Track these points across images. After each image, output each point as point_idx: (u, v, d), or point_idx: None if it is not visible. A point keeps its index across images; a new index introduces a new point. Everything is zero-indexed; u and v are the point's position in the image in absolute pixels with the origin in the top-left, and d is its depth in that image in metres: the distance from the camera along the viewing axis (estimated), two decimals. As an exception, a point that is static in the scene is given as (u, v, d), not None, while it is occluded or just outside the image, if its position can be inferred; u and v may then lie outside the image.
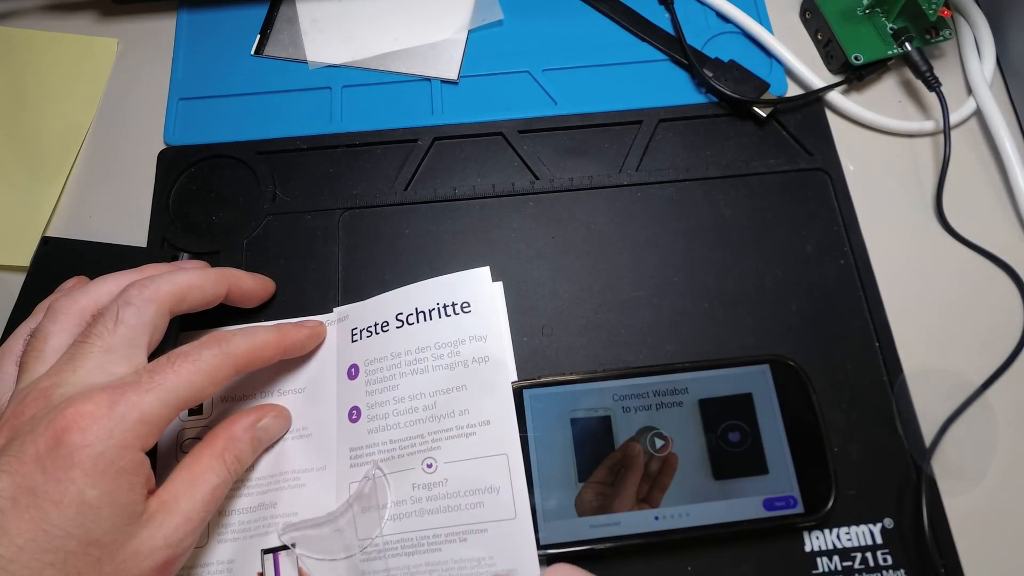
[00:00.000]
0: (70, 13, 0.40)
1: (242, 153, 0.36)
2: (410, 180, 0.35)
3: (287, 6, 0.40)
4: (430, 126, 0.36)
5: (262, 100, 0.37)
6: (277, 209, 0.35)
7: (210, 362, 0.26)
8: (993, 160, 0.36)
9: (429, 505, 0.28)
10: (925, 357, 0.32)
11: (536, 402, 0.30)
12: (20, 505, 0.22)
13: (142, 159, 0.36)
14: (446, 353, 0.30)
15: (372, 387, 0.30)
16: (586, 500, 0.28)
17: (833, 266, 0.33)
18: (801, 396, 0.30)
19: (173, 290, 0.27)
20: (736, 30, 0.39)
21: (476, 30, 0.39)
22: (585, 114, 0.37)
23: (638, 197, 0.35)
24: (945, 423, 0.30)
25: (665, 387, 0.30)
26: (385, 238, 0.34)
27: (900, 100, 0.37)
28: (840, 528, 0.29)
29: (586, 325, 0.32)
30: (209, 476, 0.26)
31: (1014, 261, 0.33)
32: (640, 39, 0.39)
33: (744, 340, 0.32)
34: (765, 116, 0.36)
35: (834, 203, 0.35)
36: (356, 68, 0.38)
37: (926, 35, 0.37)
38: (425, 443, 0.29)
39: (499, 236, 0.34)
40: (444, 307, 0.31)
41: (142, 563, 0.23)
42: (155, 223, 0.35)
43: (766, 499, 0.28)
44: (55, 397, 0.23)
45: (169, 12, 0.40)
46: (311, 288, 0.33)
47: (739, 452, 0.29)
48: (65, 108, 0.38)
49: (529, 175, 0.36)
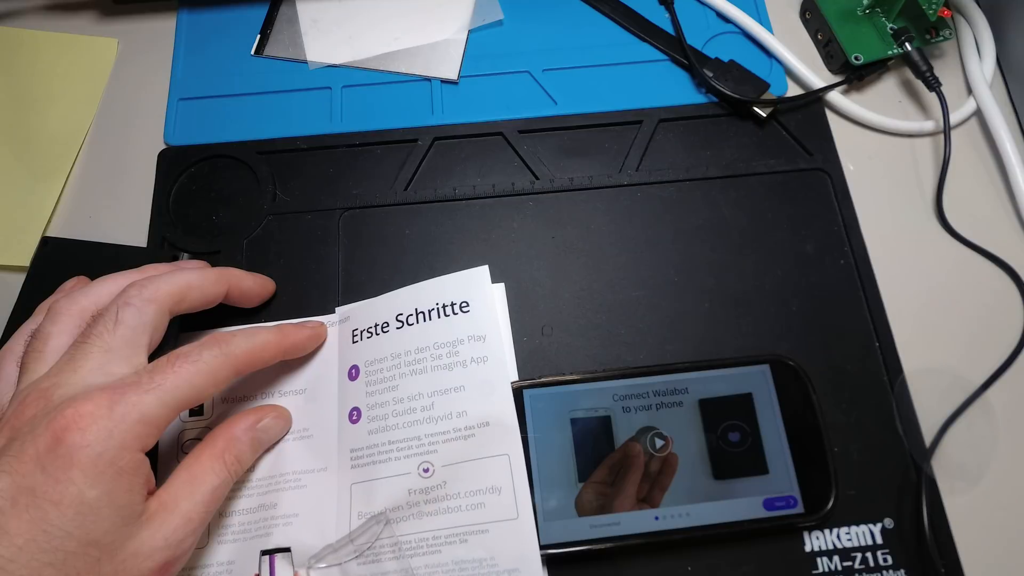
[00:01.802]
0: (70, 13, 0.40)
1: (242, 153, 0.36)
2: (410, 180, 0.35)
3: (287, 6, 0.40)
4: (430, 126, 0.36)
5: (262, 100, 0.37)
6: (277, 209, 0.35)
7: (210, 363, 0.26)
8: (993, 160, 0.36)
9: (427, 508, 0.28)
10: (925, 357, 0.32)
11: (536, 402, 0.30)
12: (20, 505, 0.22)
13: (142, 159, 0.36)
14: (444, 353, 0.30)
15: (372, 388, 0.30)
16: (586, 500, 0.28)
17: (833, 266, 0.33)
18: (801, 396, 0.30)
19: (172, 290, 0.27)
20: (736, 30, 0.39)
21: (476, 30, 0.39)
22: (585, 114, 0.37)
23: (638, 197, 0.35)
24: (945, 423, 0.30)
25: (665, 387, 0.30)
26: (385, 238, 0.34)
27: (900, 100, 0.37)
28: (840, 528, 0.29)
29: (586, 325, 0.32)
30: (209, 477, 0.26)
31: (1014, 261, 0.33)
32: (640, 39, 0.39)
33: (744, 340, 0.32)
34: (765, 116, 0.36)
35: (834, 203, 0.35)
36: (356, 68, 0.38)
37: (926, 35, 0.37)
38: (422, 445, 0.29)
39: (499, 236, 0.34)
40: (443, 307, 0.31)
41: (142, 564, 0.23)
42: (155, 223, 0.35)
43: (766, 499, 0.28)
44: (55, 397, 0.23)
45: (169, 12, 0.40)
46: (311, 288, 0.33)
47: (739, 452, 0.29)
48: (65, 108, 0.38)
49: (529, 175, 0.36)
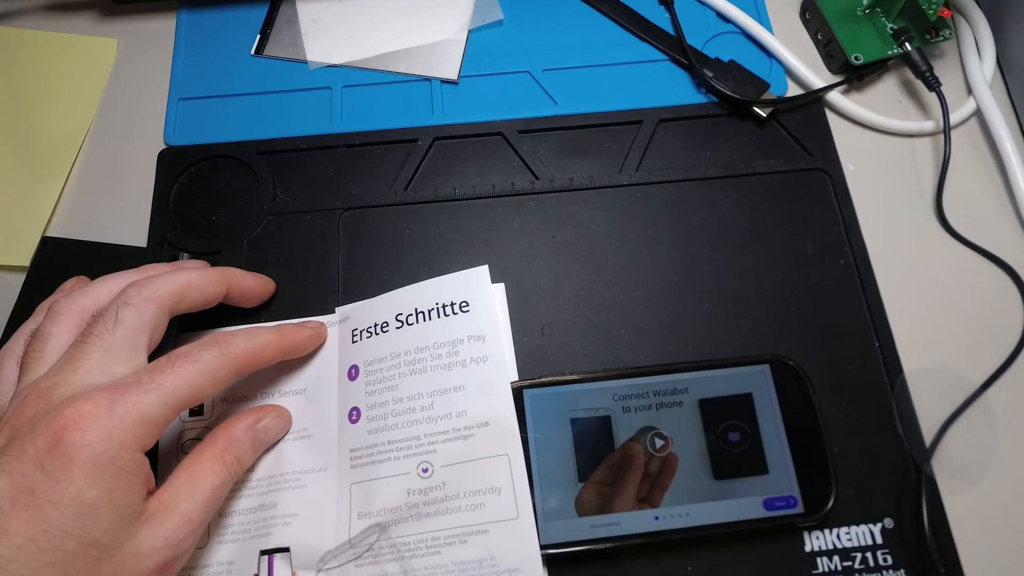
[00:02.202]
0: (70, 13, 0.40)
1: (242, 153, 0.36)
2: (410, 180, 0.35)
3: (287, 6, 0.40)
4: (430, 126, 0.36)
5: (262, 100, 0.37)
6: (277, 209, 0.35)
7: (210, 363, 0.26)
8: (993, 160, 0.36)
9: (426, 509, 0.28)
10: (925, 357, 0.32)
11: (536, 402, 0.30)
12: (19, 505, 0.21)
13: (142, 159, 0.36)
14: (444, 353, 0.30)
15: (372, 388, 0.30)
16: (586, 500, 0.28)
17: (833, 266, 0.33)
18: (801, 396, 0.30)
19: (172, 290, 0.27)
20: (736, 30, 0.39)
21: (476, 30, 0.39)
22: (585, 114, 0.36)
23: (638, 197, 0.35)
24: (945, 423, 0.30)
25: (665, 387, 0.30)
26: (385, 238, 0.34)
27: (900, 100, 0.37)
28: (840, 528, 0.29)
29: (586, 325, 0.32)
30: (209, 477, 0.26)
31: (1014, 261, 0.33)
32: (640, 39, 0.38)
33: (744, 340, 0.32)
34: (765, 116, 0.36)
35: (834, 203, 0.35)
36: (356, 68, 0.38)
37: (926, 35, 0.37)
38: (421, 445, 0.29)
39: (499, 236, 0.34)
40: (443, 307, 0.31)
41: (141, 563, 0.23)
42: (155, 223, 0.35)
43: (766, 499, 0.28)
44: (55, 397, 0.23)
45: (169, 12, 0.40)
46: (311, 288, 0.33)
47: (739, 452, 0.29)
48: (65, 108, 0.38)
49: (529, 175, 0.35)
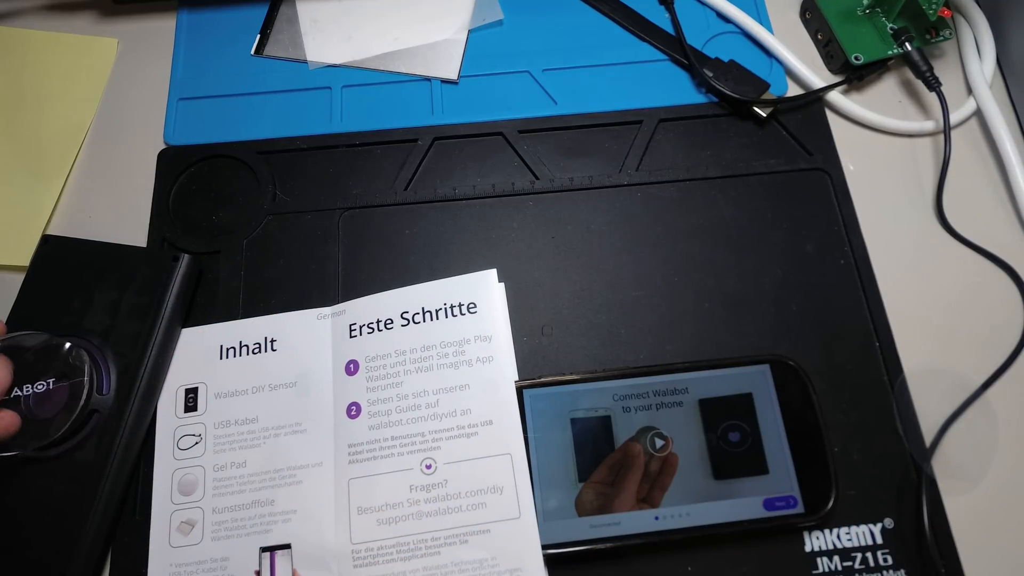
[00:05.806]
0: (70, 13, 0.40)
1: (242, 153, 0.36)
2: (410, 180, 0.35)
3: (287, 6, 0.40)
4: (430, 126, 0.36)
5: (262, 100, 0.37)
6: (277, 209, 0.35)
7: None
8: (993, 160, 0.36)
9: (427, 508, 0.28)
10: (925, 357, 0.32)
11: (536, 402, 0.30)
12: None
13: (142, 159, 0.36)
14: (451, 352, 0.30)
15: (374, 383, 0.30)
16: (586, 500, 0.28)
17: (833, 266, 0.33)
18: (801, 396, 0.30)
19: None
20: (736, 30, 0.39)
21: (476, 30, 0.39)
22: (585, 114, 0.36)
23: (638, 197, 0.35)
24: (945, 423, 0.30)
25: (665, 387, 0.30)
26: (385, 238, 0.34)
27: (900, 100, 0.37)
28: (840, 528, 0.29)
29: (586, 325, 0.32)
30: None
31: (1014, 261, 0.33)
32: (640, 39, 0.38)
33: (744, 340, 0.32)
34: (765, 116, 0.36)
35: (834, 203, 0.35)
36: (356, 68, 0.38)
37: (926, 35, 0.37)
38: (426, 442, 0.29)
39: (499, 236, 0.34)
40: (451, 307, 0.31)
41: None
42: (155, 223, 0.35)
43: (766, 499, 0.28)
44: None
45: (169, 12, 0.40)
46: (311, 288, 0.33)
47: (739, 452, 0.29)
48: (65, 108, 0.38)
49: (529, 175, 0.35)
